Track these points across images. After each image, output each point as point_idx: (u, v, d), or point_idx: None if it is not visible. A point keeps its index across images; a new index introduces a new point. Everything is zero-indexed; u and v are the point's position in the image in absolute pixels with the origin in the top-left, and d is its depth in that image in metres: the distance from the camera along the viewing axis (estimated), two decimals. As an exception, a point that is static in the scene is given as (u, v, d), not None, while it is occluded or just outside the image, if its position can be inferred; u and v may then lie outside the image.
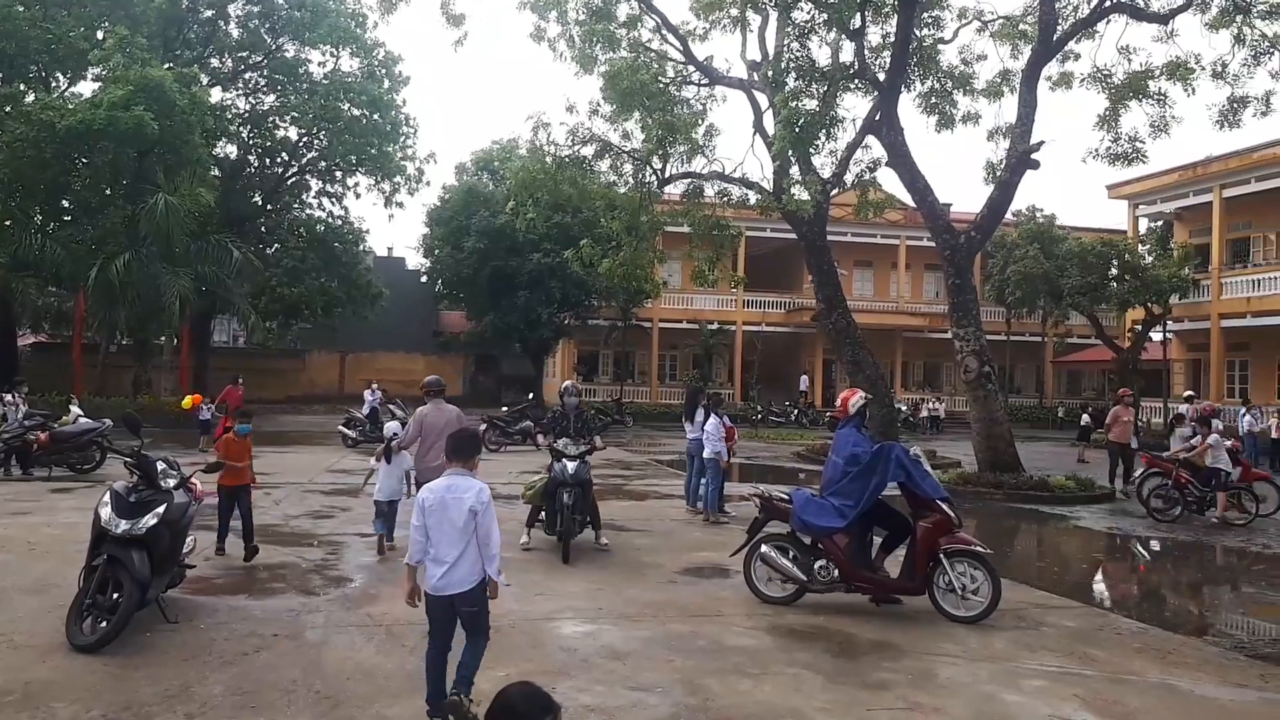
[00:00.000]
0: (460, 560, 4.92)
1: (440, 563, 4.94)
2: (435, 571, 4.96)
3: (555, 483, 9.88)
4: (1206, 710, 5.81)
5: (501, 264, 32.69)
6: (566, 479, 9.84)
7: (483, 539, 4.93)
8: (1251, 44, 17.96)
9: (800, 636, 7.12)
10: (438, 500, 4.98)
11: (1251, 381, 31.83)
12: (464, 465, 5.11)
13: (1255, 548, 12.45)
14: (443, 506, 4.95)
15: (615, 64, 19.05)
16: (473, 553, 4.94)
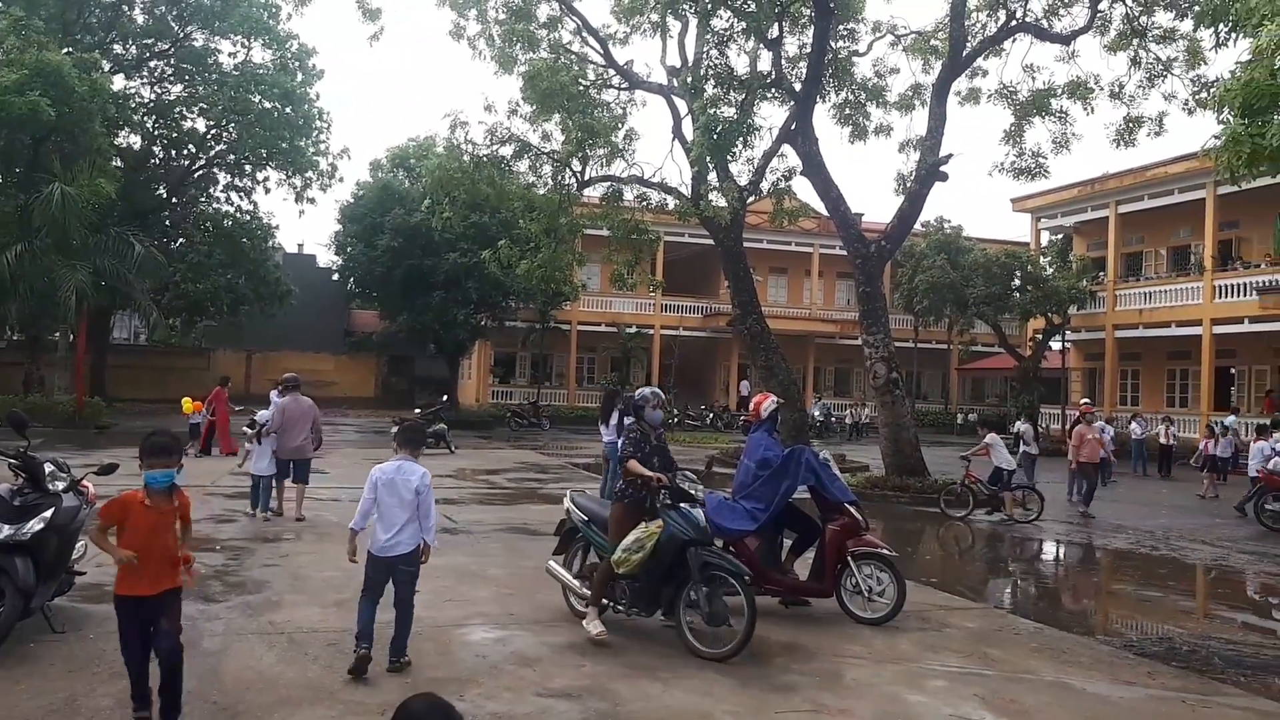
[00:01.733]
0: (404, 528, 5.96)
1: (388, 530, 5.95)
2: (383, 536, 5.96)
3: (680, 541, 6.70)
4: (1098, 707, 6.03)
5: (416, 263, 32.16)
6: (698, 534, 6.81)
7: (423, 514, 6.02)
8: (1147, 66, 18.82)
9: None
10: (389, 479, 6.01)
11: (1142, 390, 33.31)
12: (411, 453, 6.18)
13: (1144, 549, 13.01)
14: (392, 485, 5.99)
15: (535, 65, 18.96)
16: (414, 524, 6.00)
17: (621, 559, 6.66)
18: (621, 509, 7.04)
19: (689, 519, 6.80)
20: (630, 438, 7.21)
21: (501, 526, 12.09)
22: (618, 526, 6.97)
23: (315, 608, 7.57)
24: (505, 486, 16.80)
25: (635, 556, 6.66)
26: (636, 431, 7.26)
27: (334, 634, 6.78)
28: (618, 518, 7.04)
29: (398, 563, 5.97)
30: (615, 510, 7.10)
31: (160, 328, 35.76)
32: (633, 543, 6.69)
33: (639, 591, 6.89)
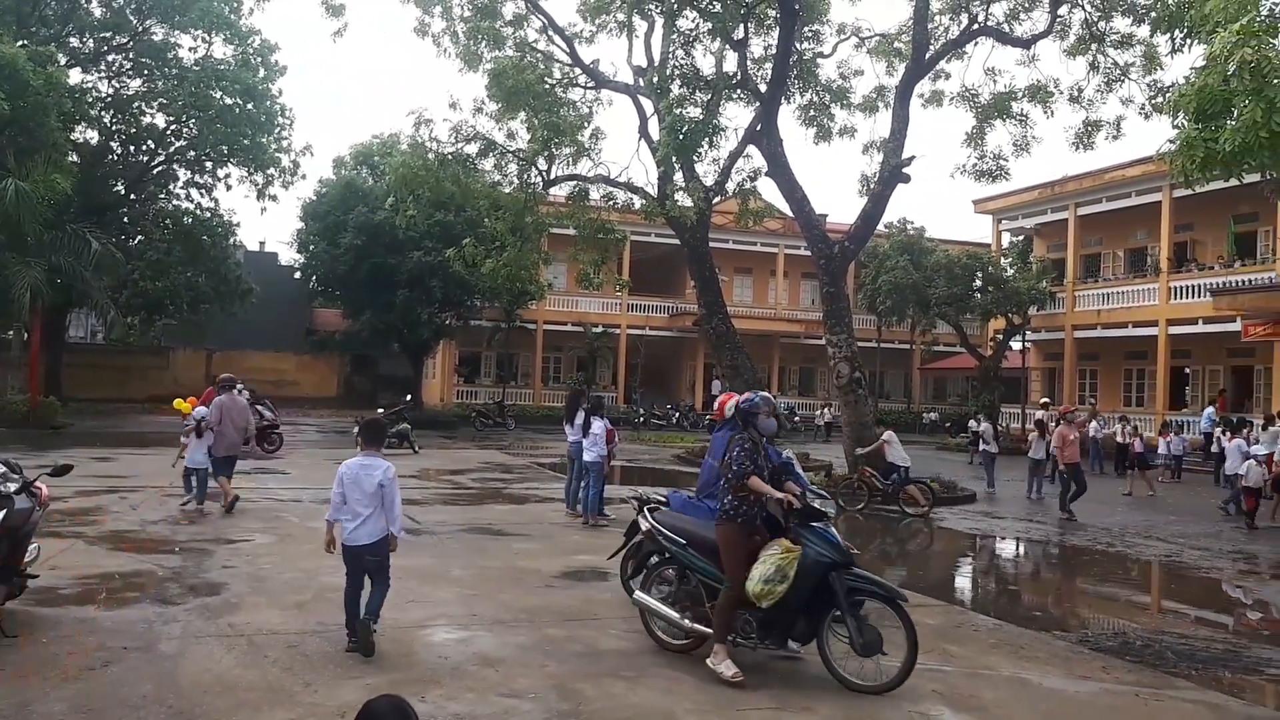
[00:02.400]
0: (368, 520, 6.31)
1: (354, 521, 6.34)
2: (349, 527, 6.35)
3: (822, 566, 6.07)
4: (1053, 702, 6.13)
5: (380, 261, 31.89)
6: (840, 557, 6.15)
7: (388, 505, 6.37)
8: (1105, 71, 19.13)
9: (675, 639, 7.17)
10: (354, 474, 6.38)
11: (1100, 389, 33.85)
12: (374, 449, 6.58)
13: (1100, 546, 13.22)
14: (357, 479, 6.36)
15: (501, 62, 18.91)
16: (379, 515, 6.34)
17: (764, 591, 5.96)
18: (734, 531, 6.25)
19: (829, 540, 6.16)
20: (743, 450, 6.27)
21: (465, 527, 12.02)
22: (732, 551, 6.23)
23: (276, 610, 7.49)
24: (470, 487, 16.72)
25: (779, 588, 5.95)
26: (748, 442, 6.34)
27: (295, 636, 6.72)
28: (730, 541, 6.25)
29: (363, 552, 6.39)
30: (725, 532, 6.28)
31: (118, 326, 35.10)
32: (774, 572, 5.98)
33: (771, 622, 6.18)
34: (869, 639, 5.98)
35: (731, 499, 6.26)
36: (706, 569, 6.46)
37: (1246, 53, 7.93)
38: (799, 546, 6.08)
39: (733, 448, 6.35)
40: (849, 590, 6.05)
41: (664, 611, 6.64)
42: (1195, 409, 29.69)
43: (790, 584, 5.97)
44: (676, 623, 6.56)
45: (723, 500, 6.34)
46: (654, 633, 6.84)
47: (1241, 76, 7.99)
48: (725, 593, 6.25)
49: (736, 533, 6.25)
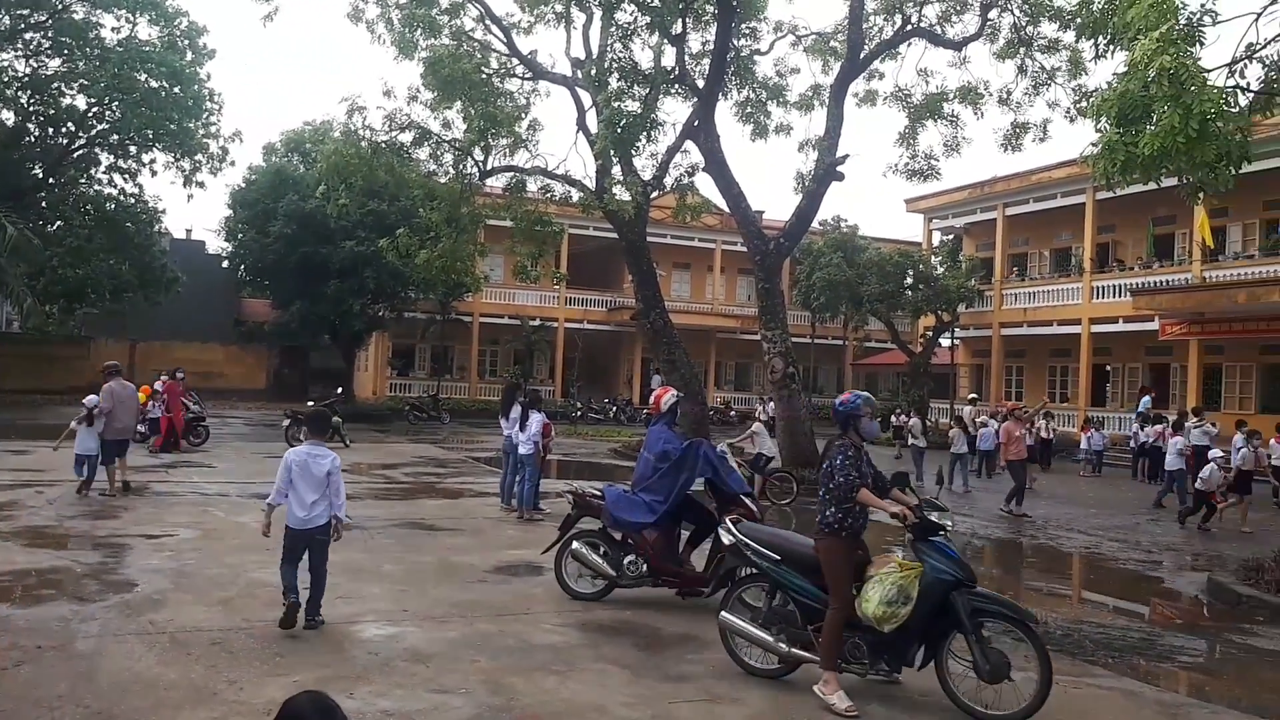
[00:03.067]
0: (317, 505, 6.70)
1: (304, 506, 6.67)
2: (300, 513, 6.69)
3: (944, 585, 5.57)
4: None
5: (311, 251, 31.21)
6: (962, 574, 5.65)
7: (334, 492, 6.78)
8: (1033, 74, 19.63)
9: (608, 632, 7.19)
10: (302, 462, 6.73)
11: (1025, 386, 34.76)
12: (320, 438, 7.09)
13: (1024, 538, 13.59)
14: (305, 467, 6.72)
15: (437, 51, 18.66)
16: (324, 500, 6.73)
17: (886, 614, 5.50)
18: (839, 546, 5.78)
19: (949, 556, 5.68)
20: (846, 458, 5.77)
21: (397, 522, 11.87)
22: (837, 568, 5.74)
23: (200, 606, 7.31)
24: (402, 481, 16.51)
25: (903, 610, 5.48)
26: (851, 450, 5.83)
27: (219, 632, 6.57)
28: (835, 557, 5.77)
29: (315, 534, 6.74)
30: (829, 547, 5.79)
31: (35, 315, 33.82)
32: (896, 593, 5.52)
33: (885, 646, 5.68)
34: (996, 663, 5.47)
35: (834, 511, 5.76)
36: (805, 587, 5.92)
37: (1165, 60, 8.19)
38: (918, 563, 5.60)
39: (833, 456, 5.82)
40: (973, 611, 5.54)
41: (756, 635, 6.08)
42: (1116, 405, 30.70)
43: (898, 605, 5.49)
44: (771, 647, 6.01)
45: (823, 512, 5.83)
46: (738, 656, 6.26)
47: (1160, 83, 8.25)
48: (832, 615, 5.69)
49: (842, 548, 5.77)
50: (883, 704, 5.85)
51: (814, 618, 5.87)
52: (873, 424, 6.00)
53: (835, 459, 5.82)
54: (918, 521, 5.67)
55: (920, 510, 5.71)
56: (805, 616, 5.94)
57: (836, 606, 5.69)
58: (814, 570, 5.87)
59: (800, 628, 5.95)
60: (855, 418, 5.92)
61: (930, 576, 5.54)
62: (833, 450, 5.90)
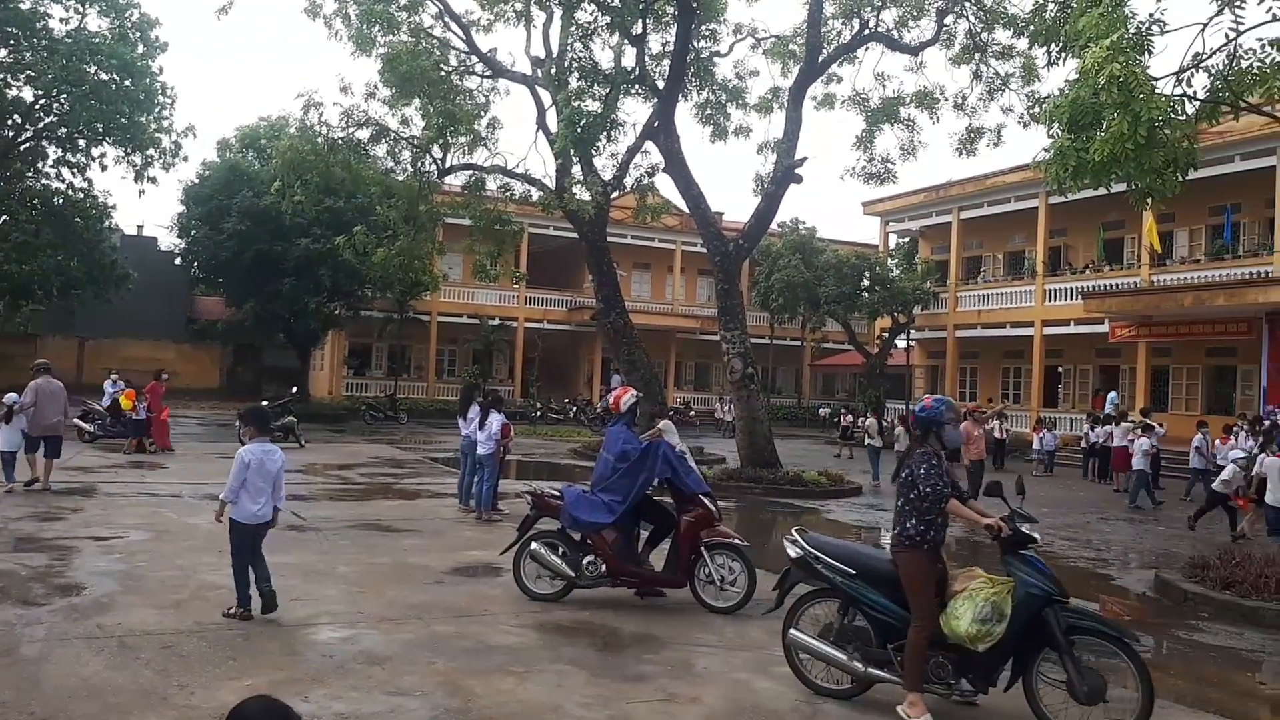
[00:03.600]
0: (267, 499, 7.04)
1: (257, 502, 6.98)
2: (254, 508, 6.97)
3: (1038, 601, 5.32)
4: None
5: (266, 248, 30.78)
6: (1055, 589, 5.37)
7: (278, 486, 7.15)
8: (987, 80, 19.92)
9: (566, 632, 7.18)
10: (259, 460, 7.01)
11: (979, 387, 35.29)
12: (264, 435, 7.34)
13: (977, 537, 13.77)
14: (261, 465, 7.00)
15: (395, 47, 18.49)
16: (269, 494, 7.06)
17: (980, 632, 5.22)
18: (921, 559, 5.47)
19: (1042, 570, 5.41)
20: (931, 468, 5.46)
21: (353, 523, 11.75)
22: (921, 583, 5.44)
23: (150, 609, 7.18)
24: (358, 482, 16.34)
25: (998, 628, 5.21)
26: (933, 458, 5.52)
27: (170, 636, 6.45)
28: (918, 572, 5.45)
29: (264, 528, 7.12)
30: (911, 561, 5.47)
31: (-21, 311, 33.06)
32: (990, 610, 5.23)
33: (971, 665, 5.39)
34: (1092, 684, 5.19)
35: (915, 523, 5.45)
36: (882, 603, 5.61)
37: (1115, 68, 8.36)
38: (1008, 578, 5.36)
39: (914, 465, 5.51)
40: (1069, 628, 5.29)
41: (830, 655, 5.75)
42: (1068, 406, 31.27)
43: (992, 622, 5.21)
44: (846, 667, 5.69)
45: (903, 524, 5.52)
46: (804, 675, 5.95)
47: (1110, 90, 8.41)
48: (916, 632, 5.37)
49: (924, 561, 5.46)
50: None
51: (891, 635, 5.58)
52: (956, 431, 5.75)
53: (918, 469, 5.48)
54: (1010, 534, 5.40)
55: (1013, 521, 5.43)
56: (881, 634, 5.64)
57: (920, 624, 5.38)
58: (890, 585, 5.57)
59: (875, 646, 5.64)
60: (938, 424, 5.61)
61: (1022, 591, 5.29)
62: (913, 459, 5.57)
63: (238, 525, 6.98)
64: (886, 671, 5.56)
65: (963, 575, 5.57)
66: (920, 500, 5.44)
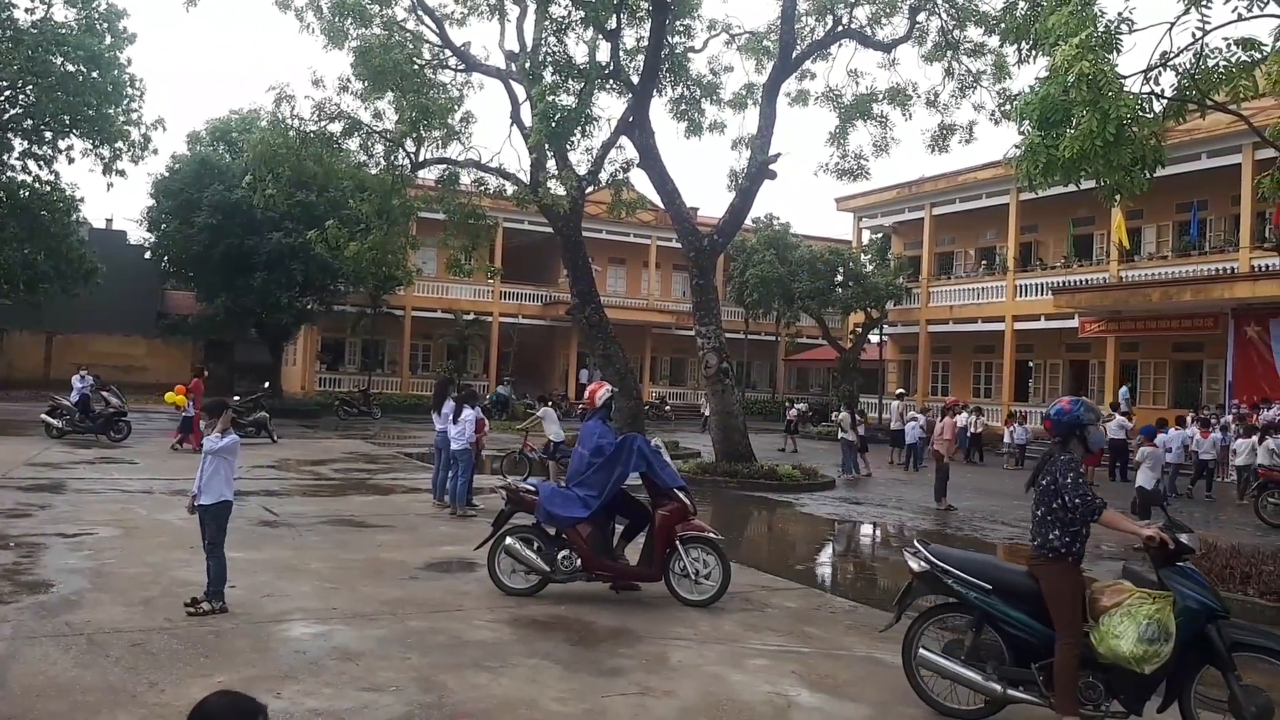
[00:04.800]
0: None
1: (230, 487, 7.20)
2: (228, 495, 7.16)
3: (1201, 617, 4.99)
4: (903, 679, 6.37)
5: (237, 242, 30.47)
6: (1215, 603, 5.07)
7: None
8: (959, 77, 20.05)
9: (541, 627, 7.18)
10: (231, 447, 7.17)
11: (951, 381, 35.60)
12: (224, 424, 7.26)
13: (950, 530, 13.92)
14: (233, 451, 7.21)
15: (368, 40, 18.38)
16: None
17: (1147, 653, 4.88)
18: (1068, 573, 5.21)
19: (1202, 583, 5.11)
20: (1079, 476, 5.16)
21: (326, 519, 11.68)
22: (1069, 599, 5.14)
23: (119, 606, 7.11)
24: (331, 478, 16.25)
25: (1165, 648, 4.88)
26: (1079, 467, 5.24)
27: (140, 634, 6.40)
28: (1066, 586, 5.17)
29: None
30: (1058, 575, 5.20)
31: (-57, 306, 32.51)
32: (1156, 630, 4.89)
33: (1125, 684, 5.06)
34: (1260, 704, 4.84)
35: (1060, 534, 5.17)
36: (1022, 620, 5.28)
37: (1084, 66, 8.45)
38: (1167, 592, 5.03)
39: (1059, 474, 5.20)
40: (1234, 645, 4.95)
41: (963, 675, 5.39)
42: (1038, 400, 31.58)
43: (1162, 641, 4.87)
44: (982, 687, 5.34)
45: (1045, 536, 5.25)
46: (925, 692, 5.63)
47: (1080, 88, 8.51)
48: (1066, 651, 5.05)
49: (1071, 575, 5.19)
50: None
51: (1029, 654, 5.28)
52: (1100, 433, 5.48)
53: (1064, 479, 5.16)
54: (1172, 545, 5.08)
55: (1172, 532, 5.12)
56: (1018, 652, 5.33)
57: (1069, 642, 5.06)
58: (1028, 600, 5.27)
59: (1011, 664, 5.34)
60: (1080, 427, 5.34)
61: (1182, 606, 4.95)
62: (1056, 467, 5.25)
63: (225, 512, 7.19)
64: (1026, 692, 5.27)
65: (1110, 589, 5.23)
66: (1067, 511, 5.15)
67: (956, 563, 5.56)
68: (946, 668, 5.46)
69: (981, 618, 5.43)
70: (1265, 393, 22.98)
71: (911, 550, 5.81)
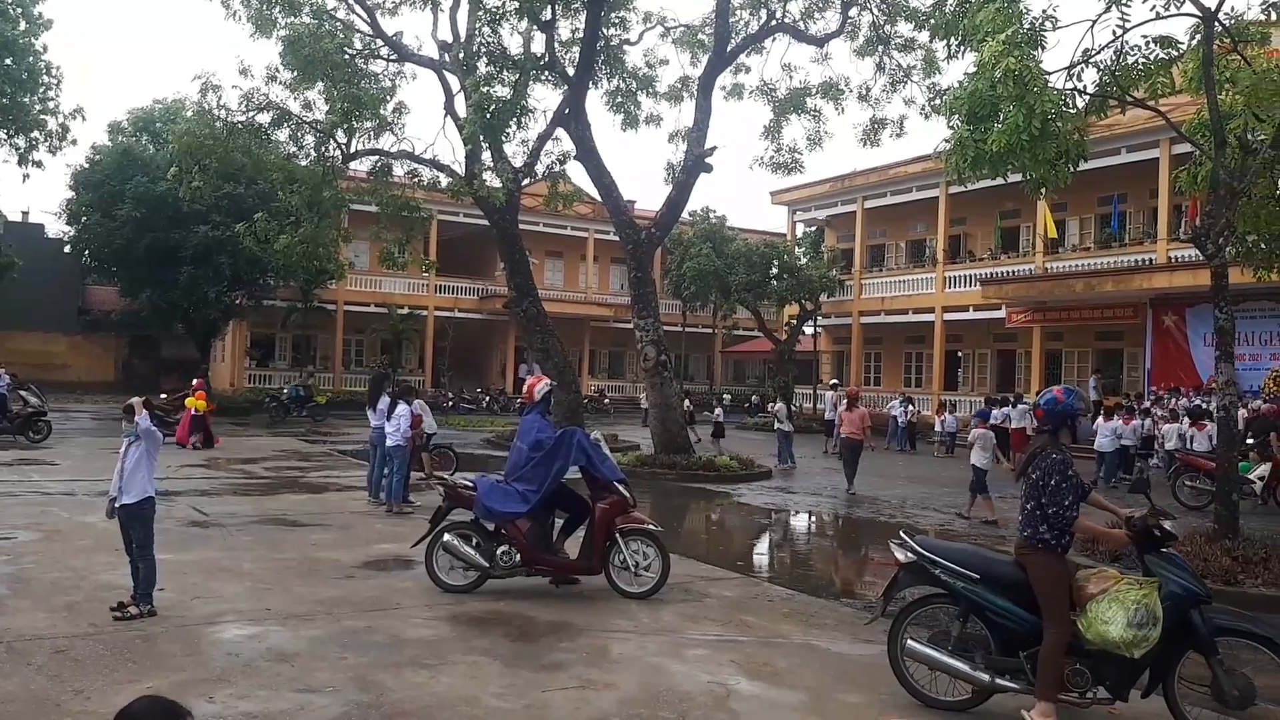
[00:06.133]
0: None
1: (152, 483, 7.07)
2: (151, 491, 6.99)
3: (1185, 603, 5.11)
4: (840, 665, 6.52)
5: (162, 235, 29.60)
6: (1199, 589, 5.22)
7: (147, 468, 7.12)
8: (890, 72, 20.39)
9: (480, 624, 7.14)
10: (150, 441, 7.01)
11: (883, 372, 36.23)
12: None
13: (883, 518, 14.18)
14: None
15: (296, 29, 18.00)
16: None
17: (1135, 638, 4.97)
18: (1055, 561, 5.27)
19: (1186, 569, 5.24)
20: (1066, 479, 5.19)
21: (258, 518, 11.44)
22: (1056, 586, 5.21)
23: (41, 612, 6.88)
24: (263, 476, 15.91)
25: (1154, 633, 4.96)
26: (1068, 468, 5.24)
27: (64, 640, 6.20)
28: (1052, 574, 5.23)
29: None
30: (1044, 563, 5.25)
31: None
32: (1144, 614, 4.98)
33: (1111, 670, 5.13)
34: (1242, 687, 4.97)
35: (1049, 528, 5.24)
36: (1008, 609, 5.33)
37: (1010, 62, 8.66)
38: (1151, 578, 5.14)
39: (1047, 473, 5.23)
40: (1217, 629, 5.08)
41: (951, 665, 5.42)
42: (967, 390, 32.32)
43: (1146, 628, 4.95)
44: (970, 677, 5.39)
45: (1035, 528, 5.28)
46: (912, 685, 5.64)
47: (1006, 83, 8.72)
48: (1053, 639, 5.13)
49: (1057, 564, 5.26)
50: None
51: (1016, 643, 5.34)
52: (1088, 424, 5.50)
53: (1050, 479, 5.22)
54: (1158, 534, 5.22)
55: (1157, 520, 5.25)
56: (1005, 641, 5.38)
57: (1056, 629, 5.13)
58: (1015, 589, 5.33)
59: (997, 653, 5.40)
60: (1071, 417, 5.42)
61: (1168, 591, 5.05)
62: (1046, 465, 5.27)
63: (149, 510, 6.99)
64: (1014, 681, 5.32)
65: (1096, 576, 5.34)
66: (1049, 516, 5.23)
67: (943, 553, 5.59)
68: (935, 659, 5.47)
69: (969, 608, 5.46)
70: (1181, 380, 23.80)
71: (897, 541, 5.81)
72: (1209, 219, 10.44)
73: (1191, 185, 11.75)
